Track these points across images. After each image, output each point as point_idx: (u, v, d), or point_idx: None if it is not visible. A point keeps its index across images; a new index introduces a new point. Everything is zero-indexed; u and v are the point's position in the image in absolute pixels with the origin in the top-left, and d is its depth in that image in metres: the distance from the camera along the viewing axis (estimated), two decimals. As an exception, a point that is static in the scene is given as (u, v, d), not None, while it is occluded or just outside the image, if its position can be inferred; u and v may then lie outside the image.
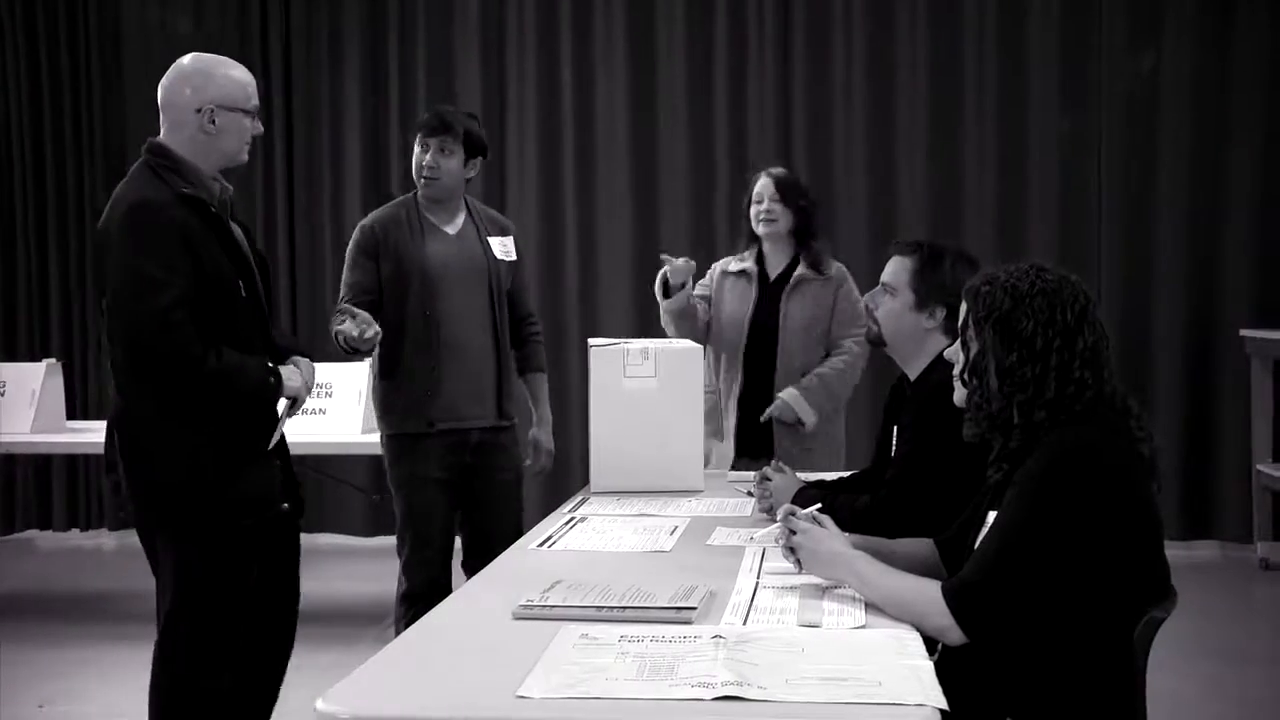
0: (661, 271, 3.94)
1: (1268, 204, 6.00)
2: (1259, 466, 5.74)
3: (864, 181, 6.08)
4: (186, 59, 2.82)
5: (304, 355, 2.93)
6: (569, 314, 6.48)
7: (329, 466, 5.85)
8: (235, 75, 2.81)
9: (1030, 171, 6.18)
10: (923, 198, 6.20)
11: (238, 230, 2.82)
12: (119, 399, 2.74)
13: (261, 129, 2.88)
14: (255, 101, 2.83)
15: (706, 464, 3.95)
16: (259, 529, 2.78)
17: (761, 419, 3.83)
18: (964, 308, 2.17)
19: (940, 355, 2.51)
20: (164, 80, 2.80)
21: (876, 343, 2.90)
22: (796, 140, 6.30)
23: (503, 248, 3.68)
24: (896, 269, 2.78)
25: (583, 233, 6.48)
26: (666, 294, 3.94)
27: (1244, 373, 5.86)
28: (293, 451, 2.95)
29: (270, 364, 2.78)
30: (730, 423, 3.90)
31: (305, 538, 3.05)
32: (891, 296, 2.78)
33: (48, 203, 6.78)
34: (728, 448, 3.91)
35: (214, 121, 2.75)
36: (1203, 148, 6.04)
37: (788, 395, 3.81)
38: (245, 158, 2.86)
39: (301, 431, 3.93)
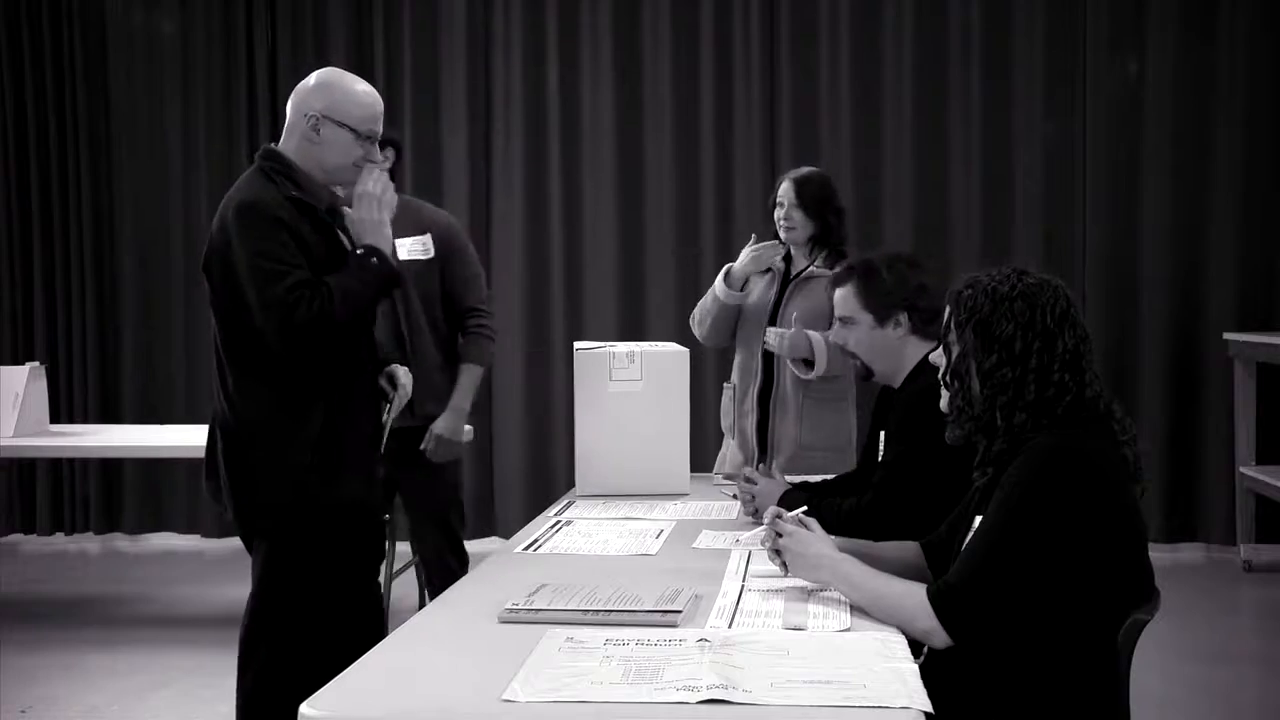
0: (729, 266, 3.88)
1: (1251, 208, 6.03)
2: (1242, 469, 5.77)
3: (849, 184, 6.08)
4: (320, 70, 2.83)
5: (403, 365, 3.03)
6: (554, 317, 6.48)
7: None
8: (355, 92, 2.75)
9: (1015, 175, 6.20)
10: (908, 201, 6.22)
11: (345, 239, 2.83)
12: (225, 404, 2.75)
13: (378, 158, 2.81)
14: (371, 126, 2.76)
15: (724, 464, 3.96)
16: (354, 535, 2.84)
17: (766, 342, 3.73)
18: (946, 311, 2.18)
19: (924, 360, 2.52)
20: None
21: (865, 376, 2.90)
22: (781, 143, 6.31)
23: (411, 248, 3.65)
24: (843, 299, 2.81)
25: (568, 236, 6.48)
26: (727, 282, 3.86)
27: (1228, 376, 5.89)
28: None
29: (361, 249, 2.74)
30: (750, 421, 3.87)
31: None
32: (852, 327, 2.80)
33: (31, 204, 6.76)
34: (739, 448, 3.88)
35: (318, 130, 2.72)
36: (1187, 151, 6.07)
37: (814, 336, 3.67)
38: (348, 184, 2.80)
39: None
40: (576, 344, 3.39)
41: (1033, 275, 2.12)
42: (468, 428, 5.44)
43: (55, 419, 5.59)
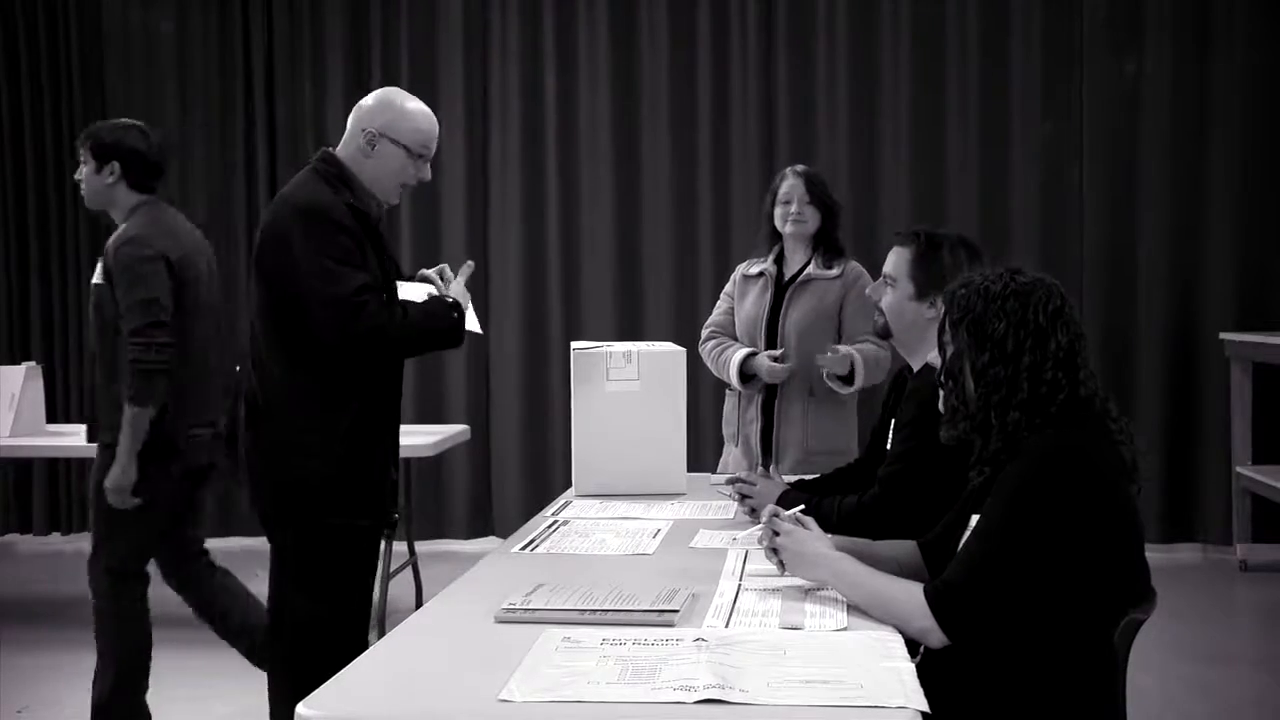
0: (745, 353, 3.82)
1: (1249, 208, 6.03)
2: (1239, 469, 5.77)
3: (846, 184, 6.09)
4: (382, 89, 2.95)
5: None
6: (551, 316, 6.48)
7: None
8: (413, 113, 2.88)
9: (1013, 174, 6.21)
10: (905, 200, 6.22)
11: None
12: (266, 394, 2.82)
13: (427, 176, 2.93)
14: (427, 146, 2.89)
15: (727, 470, 3.93)
16: (371, 532, 2.91)
17: (820, 364, 3.71)
18: (941, 311, 2.18)
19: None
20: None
21: (884, 334, 2.89)
22: (779, 144, 6.31)
23: (98, 271, 3.57)
24: (896, 260, 2.78)
25: (565, 236, 6.48)
26: (742, 371, 3.83)
27: (1224, 376, 5.89)
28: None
29: (450, 299, 2.88)
30: (755, 428, 3.86)
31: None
32: (892, 288, 2.78)
33: (28, 204, 6.75)
34: (742, 455, 3.88)
35: (373, 145, 2.83)
36: (1184, 151, 6.07)
37: (856, 351, 3.68)
38: (395, 200, 2.93)
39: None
40: (574, 344, 3.39)
41: (1026, 274, 2.13)
42: (462, 427, 5.46)
43: (52, 419, 5.58)
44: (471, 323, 3.00)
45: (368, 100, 2.91)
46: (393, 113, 2.86)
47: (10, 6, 6.70)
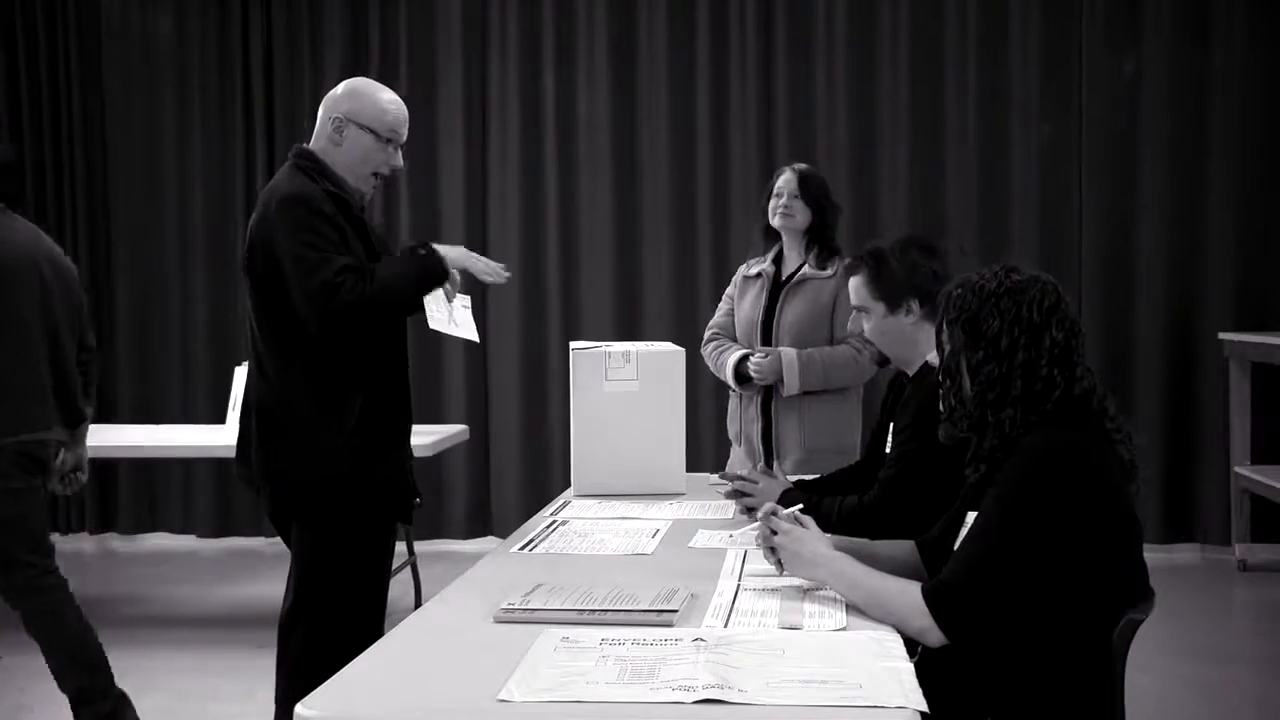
0: (740, 354, 3.82)
1: (1247, 208, 6.03)
2: (1238, 469, 5.77)
3: (846, 186, 6.08)
4: (349, 79, 2.95)
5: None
6: (550, 316, 6.49)
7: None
8: (378, 98, 2.88)
9: (1012, 175, 6.21)
10: (904, 201, 6.22)
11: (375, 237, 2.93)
12: (266, 391, 2.81)
13: (399, 163, 2.92)
14: (395, 130, 2.87)
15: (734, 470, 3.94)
16: (388, 522, 2.93)
17: (751, 369, 3.76)
18: (939, 311, 2.19)
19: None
20: None
21: (883, 363, 2.91)
22: (778, 144, 6.31)
23: None
24: (856, 289, 2.82)
25: (564, 237, 6.48)
26: (738, 372, 3.83)
27: (1223, 376, 5.90)
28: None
29: (414, 244, 2.85)
30: (756, 428, 3.87)
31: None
32: (866, 316, 2.81)
33: (27, 204, 6.74)
34: (746, 455, 3.88)
35: (341, 133, 2.84)
36: (1183, 152, 6.07)
37: (785, 354, 3.73)
38: (369, 189, 2.90)
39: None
40: (573, 344, 3.39)
41: (1021, 272, 2.13)
42: (461, 427, 5.46)
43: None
44: (469, 330, 2.97)
45: (336, 90, 2.92)
46: (358, 99, 2.87)
47: (10, 6, 6.70)
